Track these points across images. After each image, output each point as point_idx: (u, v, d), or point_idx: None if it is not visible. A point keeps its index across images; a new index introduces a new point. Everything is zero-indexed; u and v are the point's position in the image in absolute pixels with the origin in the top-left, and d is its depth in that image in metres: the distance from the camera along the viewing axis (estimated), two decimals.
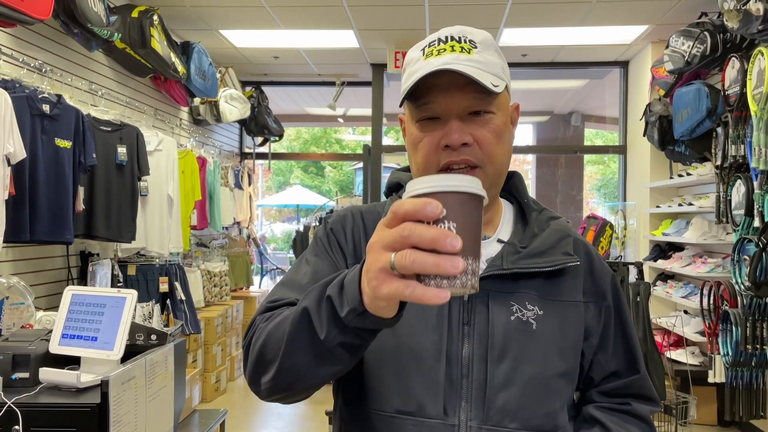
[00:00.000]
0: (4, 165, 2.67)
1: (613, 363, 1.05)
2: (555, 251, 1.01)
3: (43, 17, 2.84)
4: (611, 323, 1.06)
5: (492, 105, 0.97)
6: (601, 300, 1.05)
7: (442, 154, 0.96)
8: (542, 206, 1.10)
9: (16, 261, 3.23)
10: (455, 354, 0.96)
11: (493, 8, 4.69)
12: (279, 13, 4.83)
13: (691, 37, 4.19)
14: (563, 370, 0.99)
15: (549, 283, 1.00)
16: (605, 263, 1.09)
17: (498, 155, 0.98)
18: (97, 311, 2.01)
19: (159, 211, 4.16)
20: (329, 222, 1.13)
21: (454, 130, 0.95)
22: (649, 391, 1.07)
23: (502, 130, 0.98)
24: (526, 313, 0.98)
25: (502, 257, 0.99)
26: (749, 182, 3.49)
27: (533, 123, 9.72)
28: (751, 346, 3.48)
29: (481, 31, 1.01)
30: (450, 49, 0.96)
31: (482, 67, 0.95)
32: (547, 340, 0.98)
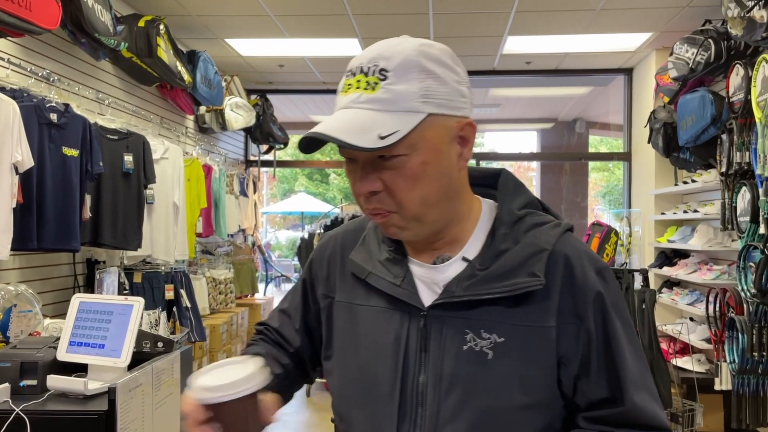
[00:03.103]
0: (12, 173, 2.69)
1: (597, 392, 0.92)
2: (519, 272, 0.91)
3: (50, 27, 2.86)
4: (593, 348, 0.92)
5: (400, 147, 0.86)
6: (579, 322, 0.92)
7: (360, 200, 0.93)
8: (528, 211, 0.98)
9: (24, 269, 3.25)
10: (411, 381, 0.93)
11: (497, 16, 4.71)
12: (284, 22, 4.85)
13: (696, 45, 4.20)
14: (525, 402, 0.90)
15: (514, 307, 0.91)
16: (592, 278, 0.93)
17: (415, 199, 0.89)
18: (104, 319, 2.02)
19: (165, 219, 4.18)
20: (315, 249, 1.16)
21: (360, 180, 0.90)
22: (646, 419, 0.91)
23: (418, 172, 0.88)
24: (481, 343, 0.91)
25: (457, 283, 0.93)
26: (754, 189, 3.49)
27: (537, 130, 9.73)
28: (757, 353, 3.47)
29: (405, 49, 0.89)
30: (355, 84, 0.88)
31: (383, 107, 0.86)
32: (505, 371, 0.90)
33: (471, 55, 5.76)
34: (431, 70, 0.89)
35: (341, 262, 1.07)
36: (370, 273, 1.00)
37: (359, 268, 1.02)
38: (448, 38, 5.25)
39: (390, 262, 1.00)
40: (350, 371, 1.00)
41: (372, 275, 1.00)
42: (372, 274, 1.00)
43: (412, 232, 0.94)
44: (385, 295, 0.98)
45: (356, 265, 1.02)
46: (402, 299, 0.96)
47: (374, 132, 0.84)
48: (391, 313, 0.97)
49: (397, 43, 0.90)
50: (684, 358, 4.38)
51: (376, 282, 0.99)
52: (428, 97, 0.88)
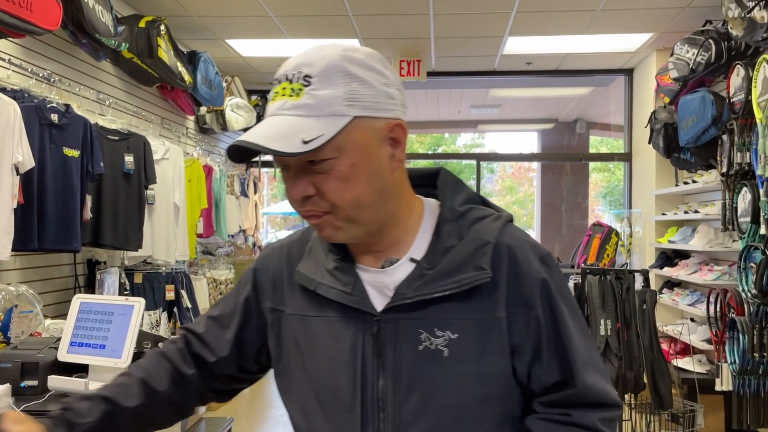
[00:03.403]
0: (13, 174, 2.69)
1: (550, 376, 0.95)
2: (466, 267, 0.93)
3: (51, 28, 2.86)
4: (543, 334, 0.95)
5: (327, 151, 0.88)
6: (528, 310, 0.95)
7: (296, 205, 0.94)
8: (467, 207, 1.00)
9: (25, 269, 3.25)
10: (371, 387, 0.94)
11: (497, 17, 4.71)
12: (285, 22, 4.86)
13: (696, 45, 4.20)
14: (484, 395, 0.93)
15: (465, 302, 0.93)
16: (536, 266, 0.96)
17: (348, 199, 0.90)
18: (105, 319, 2.02)
19: (165, 220, 4.18)
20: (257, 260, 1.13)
21: (293, 186, 0.92)
22: (598, 397, 0.95)
23: (348, 174, 0.89)
24: (435, 341, 0.92)
25: (407, 284, 0.94)
26: (755, 190, 3.49)
27: (538, 130, 9.73)
28: (758, 353, 3.47)
29: (328, 54, 0.91)
30: (281, 92, 0.91)
31: (307, 113, 0.88)
32: (461, 367, 0.92)
33: (471, 55, 5.76)
34: (355, 74, 0.90)
35: (288, 274, 1.05)
36: (319, 284, 0.98)
37: (308, 280, 1.00)
38: (449, 39, 5.25)
39: (338, 270, 0.99)
40: (309, 385, 0.99)
41: (321, 286, 0.98)
42: (321, 284, 0.98)
43: (347, 233, 0.94)
44: (337, 304, 0.97)
45: (304, 277, 1.01)
46: (354, 306, 0.95)
47: (297, 137, 0.86)
48: (345, 321, 0.97)
49: (321, 49, 0.92)
50: (685, 359, 4.38)
51: (326, 292, 0.97)
52: (353, 101, 0.89)
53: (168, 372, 1.08)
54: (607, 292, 3.33)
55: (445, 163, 13.68)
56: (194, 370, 1.09)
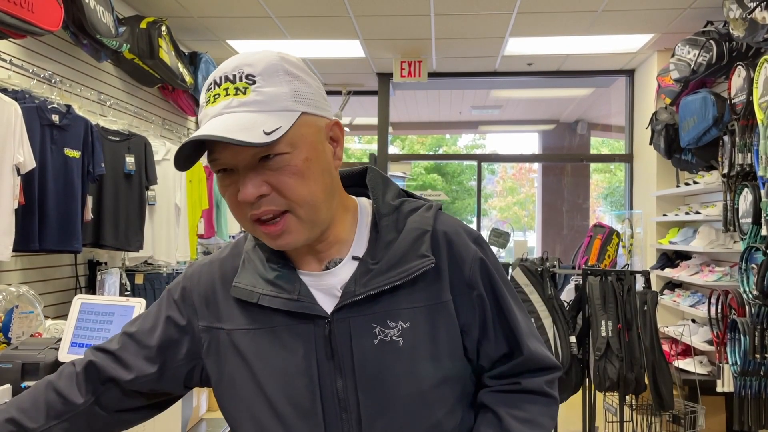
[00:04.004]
0: (14, 175, 2.69)
1: (498, 349, 1.01)
2: (410, 257, 0.95)
3: (52, 29, 2.87)
4: (487, 310, 1.00)
5: (282, 145, 0.87)
6: (471, 290, 0.99)
7: (246, 208, 0.90)
8: (399, 201, 1.02)
9: (25, 270, 3.25)
10: (330, 390, 0.94)
11: (498, 17, 4.71)
12: (286, 23, 4.86)
13: (697, 46, 4.20)
14: (441, 377, 0.96)
15: (412, 291, 0.95)
16: (473, 248, 1.00)
17: (305, 195, 0.90)
18: (105, 320, 2.02)
19: (166, 220, 4.18)
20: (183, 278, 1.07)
21: (245, 185, 0.88)
22: (541, 362, 1.02)
23: (303, 168, 0.89)
24: (389, 333, 0.94)
25: (355, 281, 0.94)
26: (756, 191, 3.49)
27: (539, 131, 9.73)
28: (759, 355, 3.46)
29: (266, 56, 0.92)
30: (224, 93, 0.89)
31: (258, 108, 0.88)
32: (417, 353, 0.94)
33: (472, 56, 5.76)
34: (295, 74, 0.92)
35: (223, 290, 1.01)
36: (261, 295, 0.96)
37: (247, 293, 0.97)
38: (450, 40, 5.25)
39: (280, 279, 0.97)
40: (263, 398, 0.96)
41: (264, 297, 0.96)
42: (263, 295, 0.96)
43: (305, 235, 0.93)
44: (283, 312, 0.95)
45: (243, 291, 0.97)
46: (303, 312, 0.94)
47: (258, 129, 0.85)
48: (293, 329, 0.95)
49: (256, 53, 0.93)
50: (686, 360, 4.38)
51: (270, 302, 0.95)
52: (298, 97, 0.91)
53: (48, 404, 1.02)
54: (608, 293, 3.33)
55: (446, 164, 13.70)
56: (87, 399, 1.03)
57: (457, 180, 14.35)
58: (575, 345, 3.34)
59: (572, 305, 3.48)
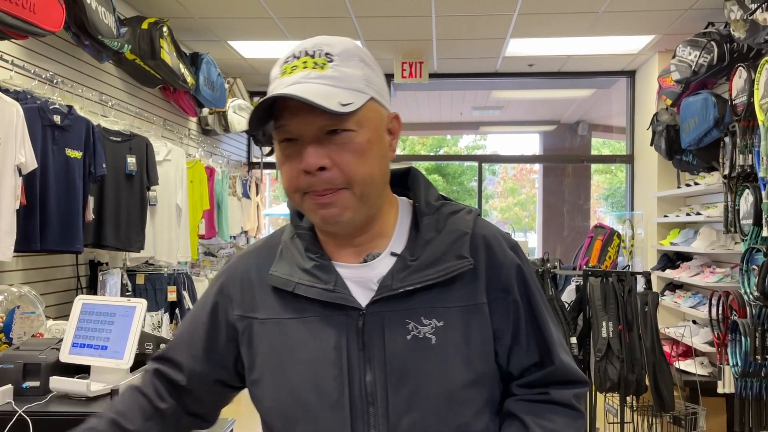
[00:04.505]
0: (16, 175, 2.69)
1: (529, 357, 1.01)
2: (448, 257, 0.96)
3: (54, 29, 2.87)
4: (521, 317, 1.00)
5: (350, 122, 0.91)
6: (506, 296, 0.99)
7: (303, 179, 0.92)
8: (440, 203, 1.03)
9: (27, 270, 3.25)
10: (358, 383, 0.94)
11: (499, 18, 4.71)
12: (287, 24, 4.86)
13: (698, 47, 4.20)
14: (471, 378, 0.96)
15: (447, 291, 0.96)
16: (510, 254, 1.02)
17: (363, 174, 0.92)
18: (107, 320, 2.03)
19: (167, 221, 4.19)
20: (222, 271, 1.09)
21: (308, 155, 0.91)
22: (571, 376, 1.02)
23: (365, 148, 0.92)
24: (423, 329, 0.95)
25: (392, 276, 0.96)
26: (757, 192, 3.49)
27: (540, 132, 9.73)
28: (760, 356, 3.46)
29: (343, 40, 0.96)
30: (302, 65, 0.92)
31: (335, 83, 0.91)
32: (449, 353, 0.95)
33: (473, 57, 5.76)
34: (367, 63, 0.96)
35: (259, 279, 1.03)
36: (297, 284, 0.98)
37: (283, 281, 0.99)
38: (451, 41, 5.26)
39: (317, 269, 0.98)
40: (289, 388, 0.97)
41: (300, 286, 0.97)
42: (299, 284, 0.97)
43: (354, 212, 0.94)
44: (318, 303, 0.97)
45: (279, 279, 0.99)
46: (338, 303, 0.96)
47: (334, 100, 0.88)
48: (326, 320, 0.96)
49: (334, 37, 0.96)
50: (687, 361, 4.38)
51: (305, 291, 0.97)
52: (369, 83, 0.94)
53: (141, 408, 1.06)
54: (609, 294, 3.32)
55: (446, 164, 13.70)
56: (169, 403, 1.07)
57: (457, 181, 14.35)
58: (576, 346, 3.34)
59: (573, 306, 3.47)
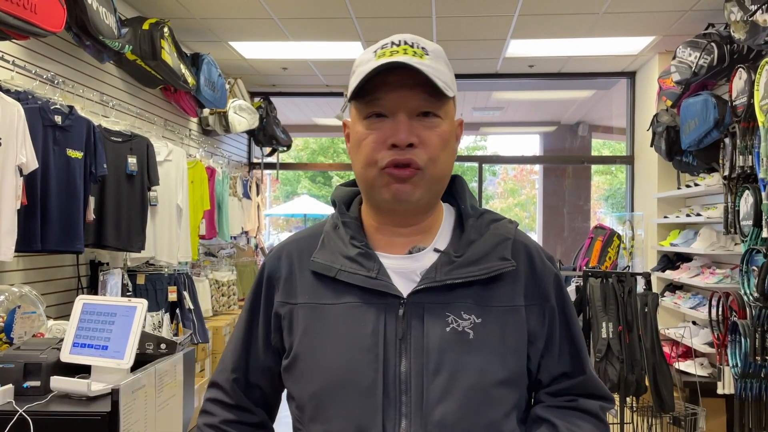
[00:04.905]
0: (17, 175, 2.70)
1: (560, 365, 1.05)
2: (491, 257, 1.00)
3: (55, 30, 2.88)
4: (556, 325, 1.04)
5: (441, 109, 0.98)
6: (544, 302, 1.03)
7: (387, 153, 0.96)
8: (483, 210, 1.09)
9: (28, 270, 3.26)
10: (393, 371, 0.96)
11: (499, 19, 4.72)
12: (288, 25, 4.87)
13: (698, 48, 4.20)
14: (504, 377, 0.98)
15: (487, 290, 1.00)
16: (549, 264, 1.07)
17: (442, 160, 0.99)
18: (107, 320, 2.03)
19: (168, 221, 4.19)
20: (262, 272, 1.11)
21: (402, 129, 0.95)
22: (598, 389, 1.07)
23: (448, 137, 1.00)
24: (462, 323, 0.97)
25: (436, 269, 0.99)
26: (757, 193, 3.49)
27: (540, 133, 9.73)
28: (760, 357, 3.47)
29: (434, 43, 1.02)
30: (402, 51, 0.97)
31: (434, 72, 0.95)
32: (486, 349, 0.97)
33: (474, 58, 5.77)
34: (450, 67, 1.03)
35: (300, 266, 1.06)
36: (339, 270, 1.00)
37: (326, 267, 1.02)
38: (451, 41, 5.26)
39: (361, 256, 1.01)
40: (324, 370, 0.98)
41: (342, 272, 1.00)
42: (342, 270, 1.00)
43: (421, 197, 0.99)
44: (358, 289, 0.99)
45: (322, 265, 1.02)
46: (380, 290, 0.98)
47: (439, 80, 0.95)
48: (365, 306, 0.99)
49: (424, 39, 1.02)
50: (686, 362, 4.38)
51: (348, 278, 1.00)
52: (453, 83, 1.01)
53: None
54: (609, 294, 3.33)
55: None
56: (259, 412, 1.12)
57: None
58: None
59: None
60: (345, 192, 1.13)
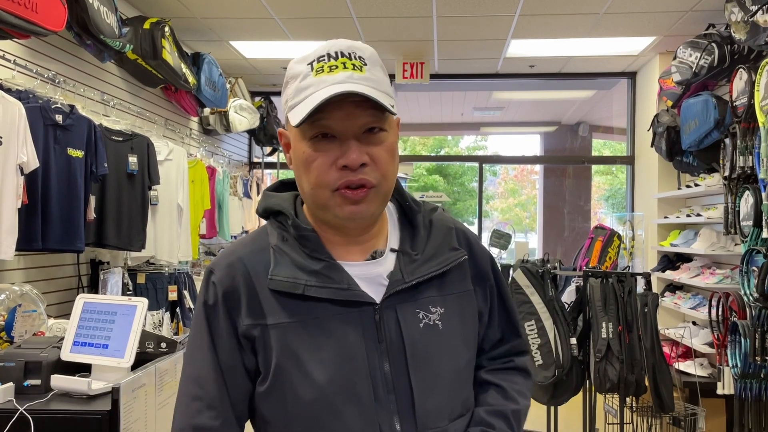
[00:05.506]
0: (18, 174, 2.70)
1: (498, 332, 1.17)
2: (444, 249, 1.07)
3: (56, 29, 2.88)
4: (494, 300, 1.16)
5: (386, 123, 0.98)
6: (485, 282, 1.14)
7: (338, 174, 0.95)
8: (419, 202, 1.12)
9: (28, 269, 3.26)
10: (378, 374, 0.99)
11: (500, 19, 4.72)
12: (288, 24, 4.87)
13: (699, 49, 4.20)
14: (470, 357, 1.09)
15: (443, 280, 1.06)
16: (483, 246, 1.16)
17: (391, 173, 1.00)
18: (108, 319, 2.04)
19: (169, 220, 4.19)
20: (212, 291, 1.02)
21: (353, 150, 0.94)
22: (525, 346, 1.21)
23: (393, 149, 1.00)
24: (431, 317, 1.03)
25: (401, 270, 1.03)
26: (757, 193, 3.49)
27: (541, 133, 9.73)
28: (760, 357, 3.47)
29: (366, 46, 1.01)
30: (342, 66, 0.96)
31: (376, 86, 0.96)
32: (453, 335, 1.05)
33: (474, 58, 5.77)
34: (385, 69, 1.03)
35: (258, 284, 1.01)
36: (305, 286, 0.98)
37: (290, 285, 0.99)
38: (452, 41, 5.26)
39: (327, 269, 1.00)
40: (314, 385, 0.97)
41: (310, 287, 0.98)
42: (309, 286, 0.98)
43: (375, 210, 1.00)
44: (327, 302, 0.99)
45: (284, 283, 0.99)
46: (354, 300, 1.00)
47: (384, 101, 0.95)
48: (339, 317, 0.99)
49: (354, 41, 1.01)
50: (686, 362, 4.38)
51: (317, 293, 0.98)
52: (391, 89, 1.01)
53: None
54: (609, 295, 3.33)
55: (447, 165, 13.68)
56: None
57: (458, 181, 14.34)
58: (576, 347, 3.35)
59: (573, 307, 3.48)
60: (285, 200, 1.08)
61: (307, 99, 0.94)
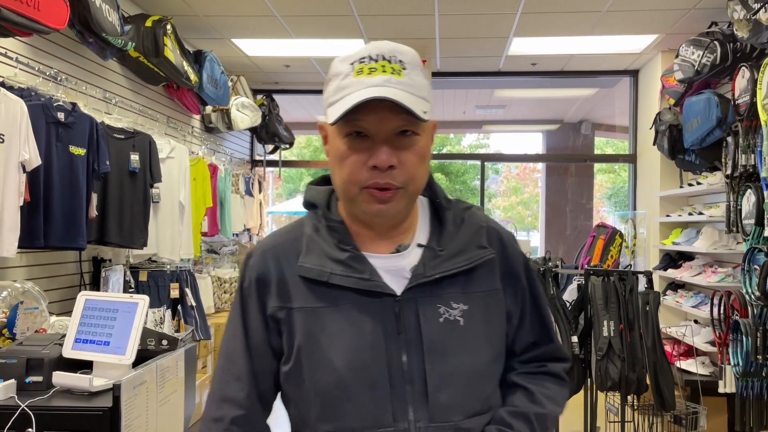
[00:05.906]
0: (20, 172, 2.71)
1: (530, 336, 1.16)
2: (471, 247, 1.08)
3: (58, 27, 2.88)
4: (527, 301, 1.15)
5: (419, 127, 1.01)
6: (516, 282, 1.13)
7: (368, 174, 0.99)
8: (451, 199, 1.14)
9: (30, 266, 3.27)
10: (396, 363, 1.02)
11: (502, 17, 4.71)
12: (290, 22, 4.87)
13: (701, 47, 4.19)
14: (492, 355, 1.08)
15: (470, 278, 1.07)
16: (517, 245, 1.16)
17: (419, 176, 1.03)
18: (109, 316, 2.04)
19: (170, 218, 4.20)
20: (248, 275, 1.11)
21: (382, 152, 0.98)
22: (561, 352, 1.19)
23: (425, 153, 1.03)
24: (453, 312, 1.04)
25: (424, 264, 1.05)
26: (759, 192, 3.48)
27: (543, 131, 9.72)
28: (761, 356, 3.46)
29: (409, 48, 1.03)
30: (381, 69, 0.98)
31: (413, 91, 0.98)
32: (475, 333, 1.05)
33: (477, 56, 5.76)
34: (425, 73, 1.04)
35: (288, 271, 1.07)
36: (331, 274, 1.04)
37: (317, 272, 1.04)
38: (454, 39, 5.26)
39: (352, 260, 1.05)
40: (331, 370, 1.01)
41: (335, 276, 1.03)
42: (333, 274, 1.03)
43: (402, 209, 1.04)
44: (351, 291, 1.03)
45: (312, 270, 1.05)
46: (375, 290, 1.03)
47: (418, 107, 0.97)
48: (361, 307, 1.03)
49: (398, 44, 1.03)
50: (688, 361, 4.38)
51: (341, 281, 1.03)
52: (429, 94, 1.03)
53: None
54: (611, 293, 3.33)
55: (449, 163, 13.69)
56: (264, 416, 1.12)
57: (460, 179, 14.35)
58: (577, 345, 3.34)
59: (574, 305, 3.48)
60: (321, 193, 1.14)
61: (344, 99, 0.98)
